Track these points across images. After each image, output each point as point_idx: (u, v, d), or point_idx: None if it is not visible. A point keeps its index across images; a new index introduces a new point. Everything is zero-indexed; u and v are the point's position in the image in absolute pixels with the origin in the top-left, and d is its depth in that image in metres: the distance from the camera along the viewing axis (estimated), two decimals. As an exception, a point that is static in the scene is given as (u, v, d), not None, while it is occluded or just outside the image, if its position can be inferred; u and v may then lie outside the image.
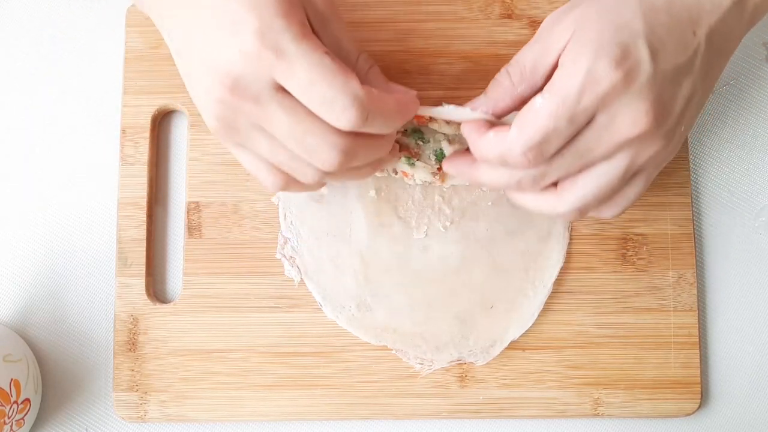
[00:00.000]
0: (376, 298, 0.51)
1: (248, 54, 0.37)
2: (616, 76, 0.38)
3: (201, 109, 0.41)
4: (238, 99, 0.38)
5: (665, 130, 0.40)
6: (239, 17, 0.37)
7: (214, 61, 0.38)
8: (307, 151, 0.40)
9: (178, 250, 0.53)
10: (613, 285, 0.52)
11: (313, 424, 0.52)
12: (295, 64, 0.37)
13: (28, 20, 0.55)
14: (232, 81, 0.38)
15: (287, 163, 0.41)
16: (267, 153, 0.41)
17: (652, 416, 0.51)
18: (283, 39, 0.37)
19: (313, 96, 0.38)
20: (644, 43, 0.39)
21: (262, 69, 0.38)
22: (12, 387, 0.47)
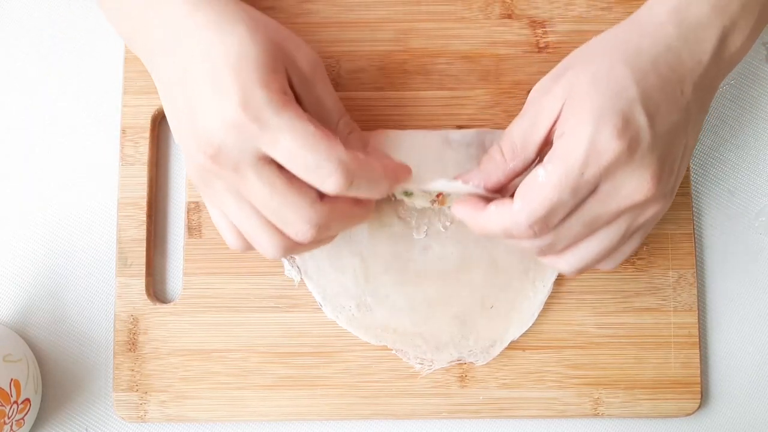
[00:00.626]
0: (376, 298, 0.51)
1: (231, 124, 0.38)
2: (620, 146, 0.38)
3: (185, 162, 0.43)
4: (218, 167, 0.39)
5: (665, 190, 0.41)
6: (223, 85, 0.38)
7: (196, 126, 0.39)
8: (282, 222, 0.40)
9: (178, 250, 0.53)
10: (613, 285, 0.52)
11: (313, 424, 0.52)
12: (278, 134, 0.38)
13: (28, 20, 0.55)
14: (214, 150, 0.38)
15: (253, 231, 0.41)
16: (236, 217, 0.41)
17: (652, 416, 0.51)
18: (265, 110, 0.38)
19: (298, 164, 0.38)
20: (641, 109, 0.38)
21: (245, 139, 0.38)
22: (12, 387, 0.47)
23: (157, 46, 0.42)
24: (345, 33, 0.53)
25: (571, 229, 0.40)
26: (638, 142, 0.38)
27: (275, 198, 0.39)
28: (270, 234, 0.41)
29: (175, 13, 0.41)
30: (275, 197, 0.39)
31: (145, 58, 0.44)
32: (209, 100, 0.38)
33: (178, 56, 0.40)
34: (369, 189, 0.40)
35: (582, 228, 0.40)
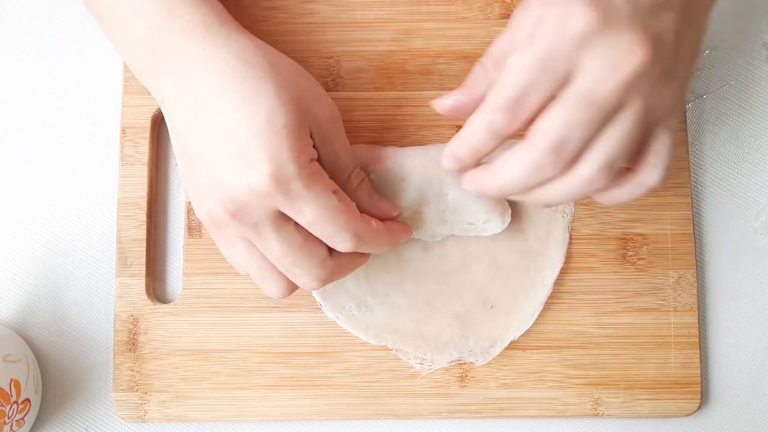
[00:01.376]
0: (376, 297, 0.51)
1: (258, 192, 0.40)
2: (592, 13, 0.36)
3: (193, 203, 0.43)
4: (237, 222, 0.41)
5: (665, 64, 0.38)
6: (251, 154, 0.39)
7: (218, 183, 0.40)
8: (292, 276, 0.43)
9: (178, 250, 0.53)
10: (613, 285, 0.52)
11: (313, 424, 0.52)
12: (303, 205, 0.40)
13: (28, 20, 0.55)
14: (236, 208, 0.40)
15: (260, 275, 0.44)
16: (244, 262, 0.44)
17: (652, 416, 0.51)
18: (294, 183, 0.40)
19: (317, 230, 0.41)
20: None
21: (269, 203, 0.40)
22: (12, 387, 0.47)
23: (172, 91, 0.42)
24: (345, 33, 0.53)
25: (580, 111, 0.37)
26: (614, 9, 0.36)
27: (289, 256, 0.42)
28: (276, 280, 0.44)
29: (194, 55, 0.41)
30: (289, 256, 0.42)
31: (157, 96, 0.45)
32: (234, 164, 0.40)
33: (198, 109, 0.41)
34: (374, 249, 0.45)
35: (590, 109, 0.37)
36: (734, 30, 0.55)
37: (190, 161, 0.42)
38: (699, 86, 0.55)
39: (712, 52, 0.55)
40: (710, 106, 0.55)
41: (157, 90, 0.44)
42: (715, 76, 0.55)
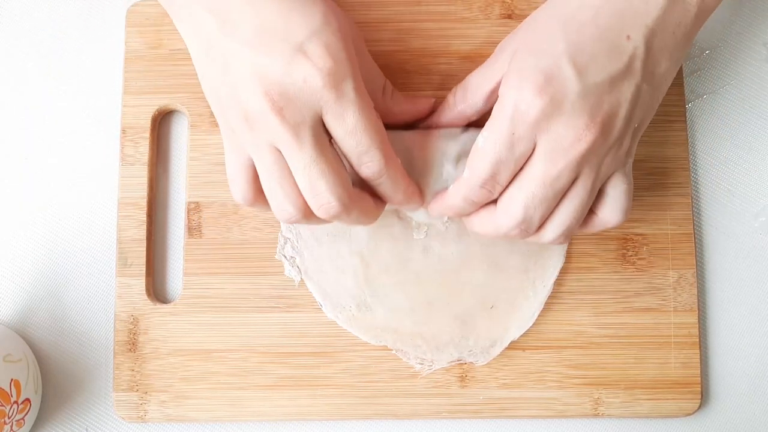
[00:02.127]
0: (376, 298, 0.51)
1: (311, 86, 0.39)
2: (541, 102, 0.40)
3: (220, 103, 0.42)
4: (279, 118, 0.40)
5: (615, 136, 0.41)
6: (311, 50, 0.39)
7: (268, 74, 0.40)
8: (313, 190, 0.42)
9: (178, 250, 0.53)
10: (613, 285, 0.52)
11: (313, 424, 0.52)
12: (348, 109, 0.40)
13: (28, 20, 0.55)
14: (284, 101, 0.40)
15: (278, 187, 0.42)
16: (266, 170, 0.42)
17: (652, 416, 0.51)
18: (346, 83, 0.40)
19: (352, 142, 0.41)
20: (568, 62, 0.40)
21: (317, 102, 0.40)
22: (12, 387, 0.47)
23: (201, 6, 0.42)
24: (345, 33, 0.53)
25: (536, 195, 0.41)
26: (564, 94, 0.40)
27: (320, 164, 0.41)
28: (293, 195, 0.42)
29: None
30: (320, 164, 0.41)
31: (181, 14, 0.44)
32: (291, 58, 0.39)
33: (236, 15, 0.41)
34: (391, 188, 0.44)
35: (546, 191, 0.41)
36: (734, 30, 0.55)
37: (227, 65, 0.41)
38: (699, 86, 0.55)
39: (712, 52, 0.55)
40: (710, 106, 0.55)
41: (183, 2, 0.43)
42: (715, 76, 0.55)
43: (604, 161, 0.42)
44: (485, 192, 0.43)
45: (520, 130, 0.40)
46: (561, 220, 0.43)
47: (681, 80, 0.53)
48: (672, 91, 0.53)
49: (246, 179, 0.44)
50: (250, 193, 0.44)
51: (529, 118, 0.40)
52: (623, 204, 0.44)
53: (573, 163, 0.41)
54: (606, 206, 0.44)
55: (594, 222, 0.45)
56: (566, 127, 0.40)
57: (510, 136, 0.41)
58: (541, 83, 0.39)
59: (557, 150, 0.40)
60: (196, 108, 0.52)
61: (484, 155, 0.42)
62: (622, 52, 0.40)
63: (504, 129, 0.41)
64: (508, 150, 0.41)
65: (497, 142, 0.41)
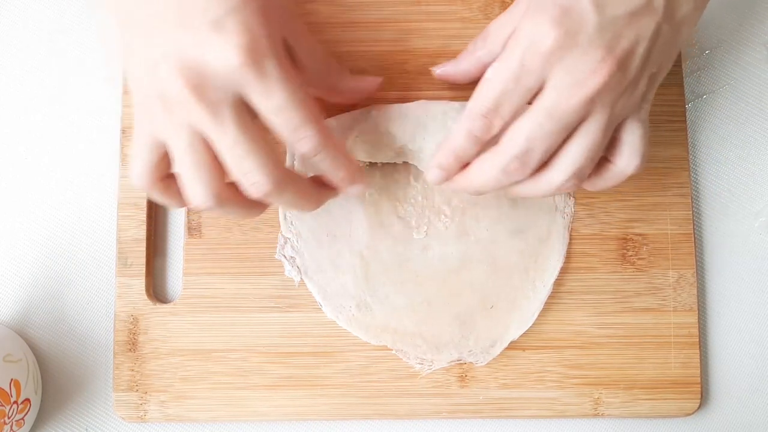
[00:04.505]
0: (376, 298, 0.51)
1: (229, 64, 0.38)
2: (555, 33, 0.39)
3: (137, 82, 0.41)
4: (196, 98, 0.38)
5: (632, 74, 0.40)
6: (229, 27, 0.38)
7: (184, 52, 0.38)
8: (240, 169, 0.40)
9: (178, 250, 0.53)
10: (613, 285, 0.52)
11: (313, 424, 0.52)
12: (273, 86, 0.38)
13: (28, 20, 0.55)
14: (199, 80, 0.38)
15: (194, 170, 0.40)
16: (181, 152, 0.40)
17: (652, 416, 0.51)
18: (268, 60, 0.38)
19: (281, 119, 0.39)
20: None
21: (237, 81, 0.38)
22: (12, 387, 0.47)
23: None
24: (345, 33, 0.53)
25: (542, 126, 0.40)
26: (581, 26, 0.39)
27: (245, 143, 0.39)
28: (207, 179, 0.40)
29: None
30: (245, 143, 0.39)
31: None
32: (207, 35, 0.38)
33: None
34: (332, 165, 0.42)
35: (553, 123, 0.40)
36: (734, 30, 0.55)
37: (145, 41, 0.39)
38: (699, 86, 0.55)
39: (712, 52, 0.55)
40: (710, 106, 0.55)
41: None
42: (715, 76, 0.55)
43: (618, 101, 0.40)
44: (486, 123, 0.41)
45: (531, 62, 0.39)
46: (571, 158, 0.41)
47: (681, 80, 0.53)
48: (672, 91, 0.53)
49: (147, 159, 0.41)
50: (146, 176, 0.41)
51: (541, 49, 0.39)
52: (639, 149, 0.43)
53: (586, 98, 0.39)
54: (623, 153, 0.43)
55: (610, 171, 0.44)
56: (581, 59, 0.39)
57: (519, 67, 0.40)
58: (557, 15, 0.39)
59: (570, 83, 0.39)
60: (196, 108, 0.52)
61: (490, 84, 0.41)
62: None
63: (514, 59, 0.40)
64: (515, 81, 0.40)
65: (506, 71, 0.40)
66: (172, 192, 0.43)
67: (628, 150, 0.43)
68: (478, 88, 0.42)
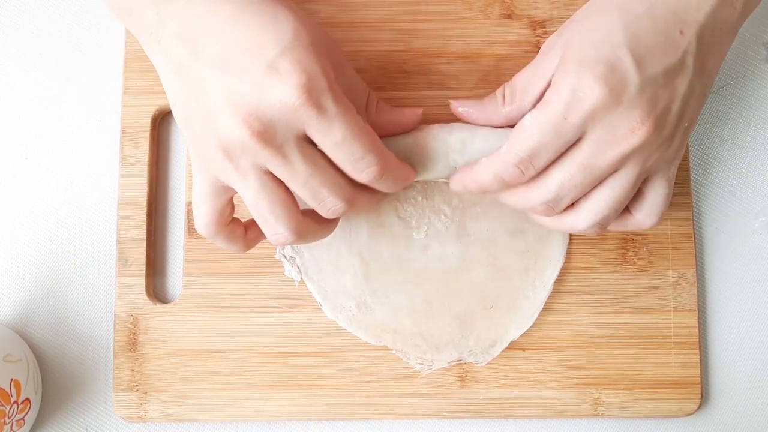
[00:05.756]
0: (376, 298, 0.51)
1: (289, 105, 0.38)
2: (602, 91, 0.39)
3: (194, 132, 0.41)
4: (262, 143, 0.39)
5: (667, 133, 0.41)
6: (283, 68, 0.38)
7: (243, 100, 0.38)
8: (317, 200, 0.41)
9: (178, 250, 0.53)
10: (613, 285, 0.52)
11: (313, 424, 0.52)
12: (332, 122, 0.39)
13: (28, 20, 0.55)
14: (263, 126, 0.39)
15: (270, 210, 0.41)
16: (254, 195, 0.41)
17: (652, 416, 0.51)
18: (325, 98, 0.39)
19: (343, 152, 0.40)
20: (627, 53, 0.39)
21: (297, 120, 0.39)
22: (12, 387, 0.47)
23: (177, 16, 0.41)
24: (345, 33, 0.53)
25: (574, 178, 0.41)
26: (624, 85, 0.39)
27: (317, 176, 0.40)
28: (285, 218, 0.41)
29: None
30: (317, 175, 0.40)
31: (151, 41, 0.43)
32: (263, 80, 0.38)
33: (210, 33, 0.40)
34: (392, 184, 0.43)
35: (585, 176, 0.41)
36: (734, 30, 0.55)
37: (199, 92, 0.40)
38: (699, 86, 0.55)
39: (712, 52, 0.55)
40: (710, 106, 0.55)
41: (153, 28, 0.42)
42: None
43: (650, 157, 0.41)
44: (517, 172, 0.42)
45: (574, 117, 0.40)
46: (598, 207, 0.42)
47: (681, 80, 0.53)
48: (672, 91, 0.53)
49: (213, 207, 0.42)
50: (213, 224, 0.43)
51: (586, 106, 0.39)
52: (660, 208, 0.44)
53: (620, 156, 0.40)
54: (643, 209, 0.44)
55: (628, 220, 0.45)
56: (621, 118, 0.39)
57: (561, 121, 0.40)
58: (603, 72, 0.39)
59: (608, 141, 0.40)
60: (196, 108, 0.52)
61: (529, 134, 0.41)
62: (676, 46, 0.40)
63: (557, 112, 0.40)
64: (555, 134, 0.40)
65: (547, 123, 0.40)
66: (237, 237, 0.44)
67: (649, 207, 0.44)
68: (515, 133, 0.41)
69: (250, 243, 0.45)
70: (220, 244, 0.44)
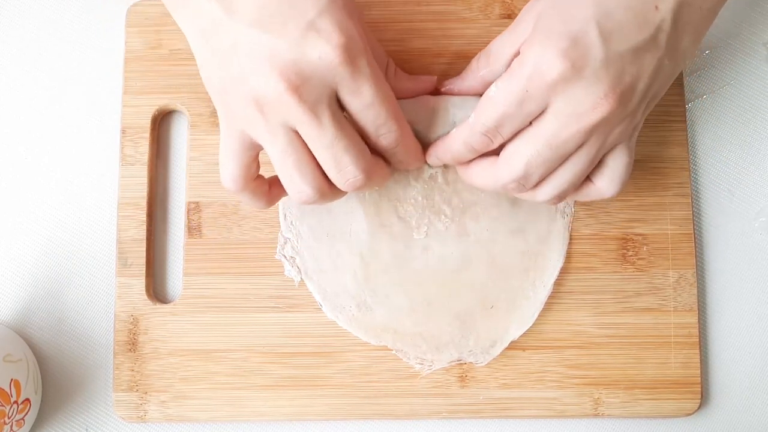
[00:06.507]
0: (376, 298, 0.51)
1: (327, 63, 0.39)
2: (563, 65, 0.39)
3: (224, 89, 0.41)
4: (297, 98, 0.39)
5: (631, 108, 0.41)
6: (324, 27, 0.39)
7: (282, 55, 0.39)
8: (338, 166, 0.42)
9: (178, 250, 0.53)
10: (613, 285, 0.52)
11: (313, 424, 0.52)
12: (364, 84, 0.40)
13: (28, 20, 0.55)
14: (300, 81, 0.39)
15: (296, 168, 0.42)
16: (281, 152, 0.41)
17: (652, 416, 0.51)
18: (360, 58, 0.40)
19: (369, 115, 0.41)
20: (595, 27, 0.39)
21: (332, 79, 0.40)
22: (12, 387, 0.47)
23: None
24: (345, 33, 0.52)
25: (540, 154, 0.42)
26: (587, 60, 0.39)
27: (343, 140, 0.41)
28: (311, 176, 0.42)
29: None
30: (343, 139, 0.41)
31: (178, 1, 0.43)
32: (303, 37, 0.39)
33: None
34: (404, 155, 0.45)
35: (552, 152, 0.42)
36: (734, 30, 0.55)
37: (233, 50, 0.40)
38: (699, 86, 0.55)
39: (712, 52, 0.55)
40: (710, 106, 0.55)
41: None
42: (715, 76, 0.55)
43: (613, 131, 0.42)
44: (486, 140, 0.43)
45: (535, 89, 0.40)
46: (559, 182, 0.43)
47: (681, 80, 0.53)
48: (672, 91, 0.52)
49: (240, 163, 0.43)
50: (240, 179, 0.43)
51: (546, 79, 0.40)
52: (621, 176, 0.44)
53: (584, 130, 0.41)
54: (604, 176, 0.44)
55: (589, 189, 0.45)
56: (584, 93, 0.40)
57: (523, 93, 0.40)
58: (565, 46, 0.39)
59: (571, 114, 0.40)
60: (196, 108, 0.52)
61: (493, 104, 0.42)
62: (648, 23, 0.40)
63: (519, 84, 0.40)
64: (518, 105, 0.41)
65: (509, 94, 0.41)
66: (262, 192, 0.45)
67: (610, 175, 0.44)
68: (481, 103, 0.43)
69: (273, 199, 0.46)
70: (244, 200, 0.45)
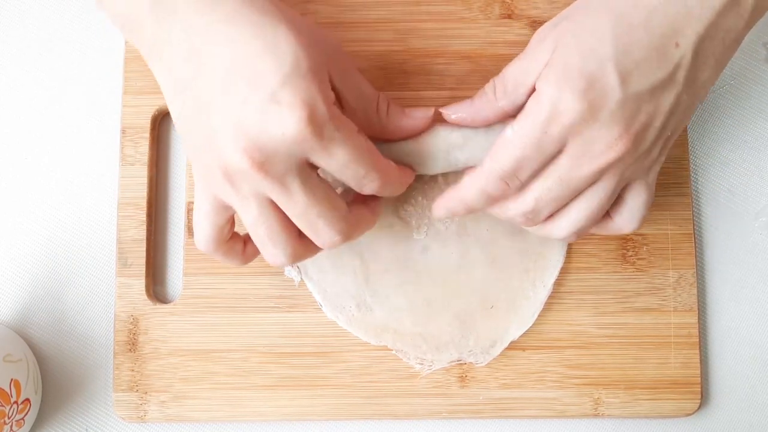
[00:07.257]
0: (376, 298, 0.51)
1: (291, 138, 0.38)
2: (580, 107, 0.39)
3: (196, 148, 0.41)
4: (263, 174, 0.38)
5: (646, 146, 0.41)
6: (285, 101, 0.37)
7: (244, 131, 0.38)
8: (313, 232, 0.41)
9: (178, 250, 0.53)
10: (613, 285, 0.52)
11: (313, 424, 0.52)
12: (335, 148, 0.39)
13: (28, 20, 0.55)
14: (264, 157, 0.38)
15: (268, 236, 0.41)
16: (253, 221, 0.41)
17: (652, 416, 0.51)
18: (327, 126, 0.38)
19: (347, 172, 0.40)
20: (613, 68, 0.39)
21: (300, 152, 0.38)
22: (12, 387, 0.47)
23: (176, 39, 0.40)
24: (345, 33, 0.53)
25: (551, 191, 0.41)
26: (604, 101, 0.39)
27: (315, 207, 0.40)
28: (282, 244, 0.42)
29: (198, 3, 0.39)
30: (316, 206, 0.40)
31: (152, 54, 0.42)
32: (264, 111, 0.38)
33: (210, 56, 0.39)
34: (392, 192, 0.44)
35: (562, 189, 0.41)
36: (734, 30, 0.55)
37: (200, 112, 0.39)
38: (699, 86, 0.55)
39: (712, 52, 0.55)
40: (710, 106, 0.55)
41: (154, 42, 0.41)
42: (715, 76, 0.55)
43: (628, 169, 0.41)
44: (503, 186, 0.42)
45: (554, 131, 0.39)
46: (575, 218, 0.43)
47: (681, 80, 0.53)
48: (672, 91, 0.52)
49: (213, 225, 0.42)
50: (213, 242, 0.43)
51: (565, 121, 0.39)
52: (639, 213, 0.44)
53: (597, 170, 0.40)
54: (623, 213, 0.44)
55: (608, 225, 0.45)
56: (599, 134, 0.39)
57: (542, 135, 0.40)
58: (583, 87, 0.38)
59: (585, 154, 0.40)
60: (196, 108, 0.52)
61: (511, 148, 0.40)
62: (668, 60, 0.39)
63: (537, 126, 0.40)
64: (537, 148, 0.40)
65: (528, 138, 0.40)
66: (236, 252, 0.44)
67: (629, 213, 0.44)
68: (497, 147, 0.41)
69: (248, 258, 0.45)
70: (219, 259, 0.44)
